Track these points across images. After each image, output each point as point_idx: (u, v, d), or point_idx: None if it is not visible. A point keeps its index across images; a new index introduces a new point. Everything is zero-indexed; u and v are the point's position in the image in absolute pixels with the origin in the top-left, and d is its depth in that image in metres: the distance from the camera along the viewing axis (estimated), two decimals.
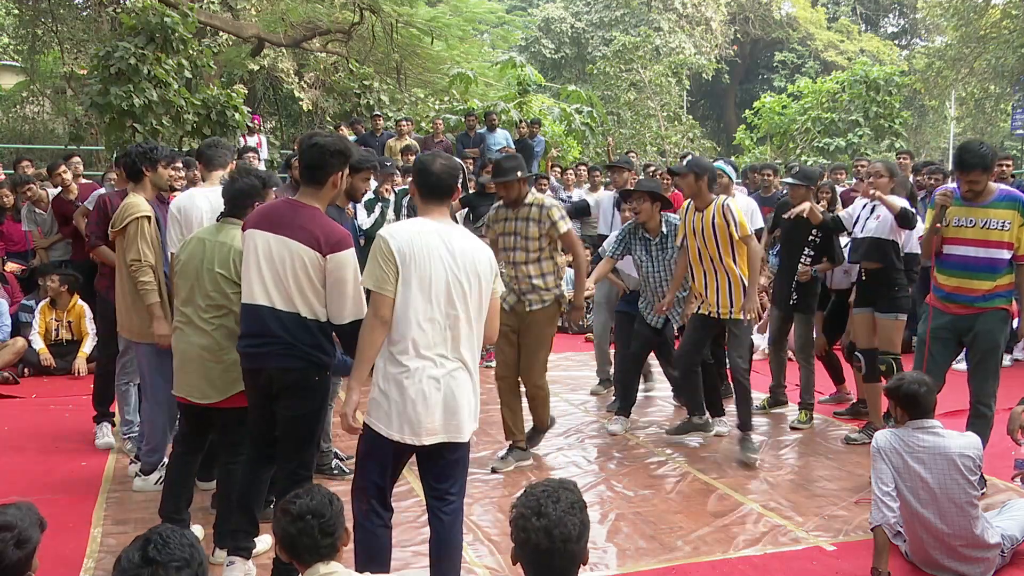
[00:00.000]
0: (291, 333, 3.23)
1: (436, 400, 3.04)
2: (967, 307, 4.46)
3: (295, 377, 3.28)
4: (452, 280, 3.02)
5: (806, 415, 5.92)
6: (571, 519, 2.06)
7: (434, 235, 3.05)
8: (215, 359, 3.64)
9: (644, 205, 5.58)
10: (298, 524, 2.45)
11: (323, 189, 3.33)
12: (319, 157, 3.29)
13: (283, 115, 22.23)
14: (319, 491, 2.55)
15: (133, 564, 1.90)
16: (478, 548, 3.89)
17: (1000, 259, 4.38)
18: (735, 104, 33.66)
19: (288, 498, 2.53)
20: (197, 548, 1.96)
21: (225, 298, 3.63)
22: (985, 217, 4.38)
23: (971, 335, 4.47)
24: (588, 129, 16.32)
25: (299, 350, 3.25)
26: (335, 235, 3.24)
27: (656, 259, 5.68)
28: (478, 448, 5.38)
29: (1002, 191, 4.46)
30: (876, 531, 3.52)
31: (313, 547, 2.46)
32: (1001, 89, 23.40)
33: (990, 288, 4.40)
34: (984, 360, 4.45)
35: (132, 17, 11.31)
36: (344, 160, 3.34)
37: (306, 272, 3.21)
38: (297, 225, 3.23)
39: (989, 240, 4.37)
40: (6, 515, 2.16)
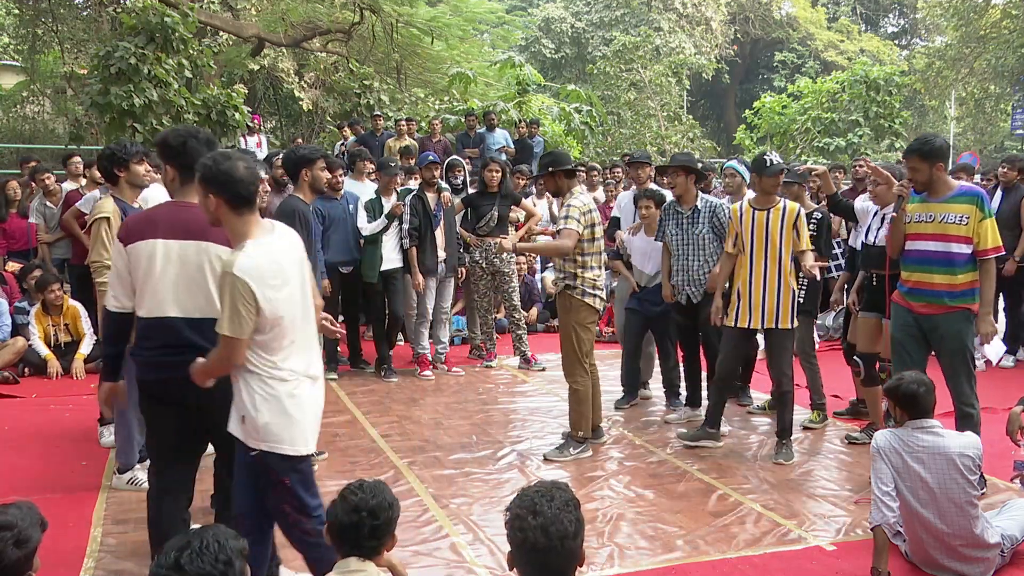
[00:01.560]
0: (209, 339, 2.94)
1: None
2: (930, 305, 4.47)
3: (220, 380, 3.07)
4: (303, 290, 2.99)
5: (819, 415, 5.88)
6: (567, 516, 2.08)
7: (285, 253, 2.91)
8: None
9: (679, 179, 5.76)
10: (352, 516, 2.45)
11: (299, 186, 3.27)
12: (196, 153, 3.12)
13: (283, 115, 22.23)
14: (383, 492, 2.53)
15: (165, 565, 1.90)
16: (478, 548, 3.89)
17: (958, 253, 4.40)
18: (735, 104, 33.68)
19: (352, 487, 2.52)
20: (234, 565, 1.93)
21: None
22: (943, 212, 4.43)
23: (937, 336, 4.48)
24: (588, 128, 16.32)
25: None
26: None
27: (687, 232, 5.79)
28: (478, 448, 5.39)
29: (962, 187, 4.52)
30: (876, 531, 3.52)
31: (356, 543, 2.47)
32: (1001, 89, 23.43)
33: (950, 284, 4.40)
34: (954, 363, 4.45)
35: (132, 17, 11.32)
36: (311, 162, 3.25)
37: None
38: (207, 225, 3.01)
39: (947, 234, 4.41)
40: (6, 515, 2.17)
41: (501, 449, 5.37)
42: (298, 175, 4.91)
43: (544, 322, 9.58)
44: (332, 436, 5.59)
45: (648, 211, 6.14)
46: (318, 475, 4.79)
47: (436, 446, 5.42)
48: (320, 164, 4.91)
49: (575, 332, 5.23)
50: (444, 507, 4.36)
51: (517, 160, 11.32)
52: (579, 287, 5.17)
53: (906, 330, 4.58)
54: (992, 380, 7.34)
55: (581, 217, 5.08)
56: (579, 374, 5.24)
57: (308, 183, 4.92)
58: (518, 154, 11.89)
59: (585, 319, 5.24)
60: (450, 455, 5.23)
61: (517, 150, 12.05)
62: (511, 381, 7.32)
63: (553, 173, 5.20)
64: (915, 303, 4.53)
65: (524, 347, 7.73)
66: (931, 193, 4.47)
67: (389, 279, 7.27)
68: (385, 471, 4.91)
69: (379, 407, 6.38)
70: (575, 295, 5.18)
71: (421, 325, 7.46)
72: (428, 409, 6.34)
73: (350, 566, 2.46)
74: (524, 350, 7.72)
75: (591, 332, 5.31)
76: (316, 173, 4.89)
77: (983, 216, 4.37)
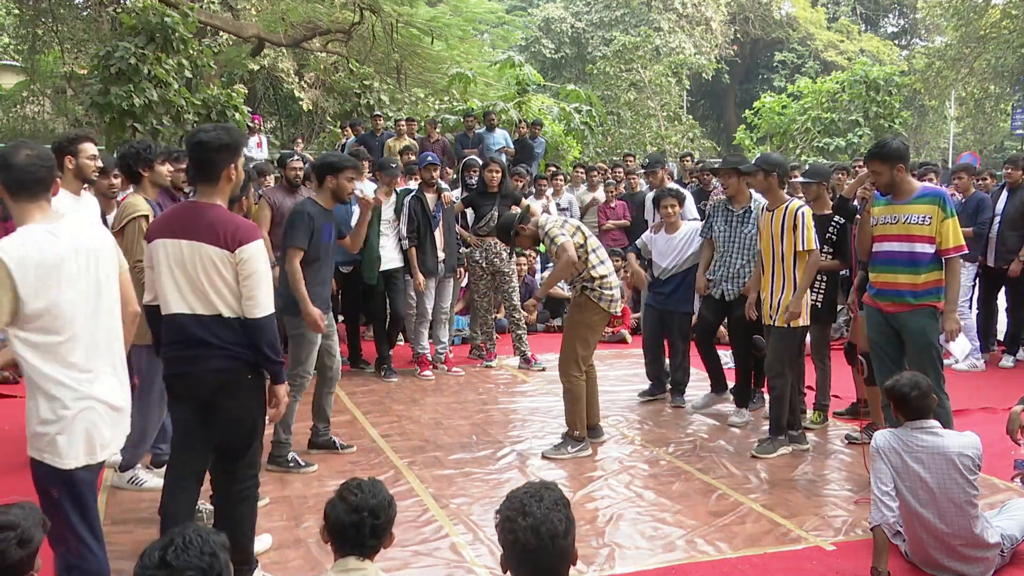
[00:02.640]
0: (216, 335, 3.14)
1: None
2: (896, 304, 4.54)
3: (228, 378, 3.20)
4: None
5: (819, 416, 5.92)
6: (556, 515, 2.08)
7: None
8: None
9: (731, 180, 5.85)
10: (352, 516, 2.44)
11: (218, 185, 3.26)
12: (205, 155, 3.20)
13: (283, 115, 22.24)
14: (382, 490, 2.52)
15: (151, 564, 1.90)
16: (478, 548, 3.89)
17: (921, 253, 4.47)
18: (735, 104, 33.69)
19: (351, 487, 2.50)
20: (219, 557, 1.95)
21: None
22: (907, 213, 4.51)
23: (906, 334, 4.54)
24: (588, 129, 16.33)
25: (228, 351, 3.18)
26: (241, 229, 3.16)
27: (735, 230, 5.92)
28: (478, 448, 5.39)
29: (925, 188, 4.60)
30: (876, 531, 3.52)
31: (357, 543, 2.46)
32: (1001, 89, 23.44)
33: (913, 283, 4.48)
34: (921, 359, 4.48)
35: (132, 17, 11.33)
36: (233, 152, 3.26)
37: (218, 272, 3.13)
38: (202, 226, 3.14)
39: (911, 235, 4.49)
40: (9, 514, 2.17)
41: (501, 449, 5.37)
42: (324, 179, 4.93)
43: (544, 322, 9.59)
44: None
45: (672, 209, 6.31)
46: (318, 475, 4.83)
47: (436, 446, 5.42)
48: (348, 174, 4.91)
49: (581, 333, 5.27)
50: (444, 507, 4.36)
51: (517, 160, 11.32)
52: (596, 289, 5.23)
53: (878, 330, 4.67)
54: (992, 380, 7.35)
55: (560, 230, 5.17)
56: (573, 373, 5.29)
57: (331, 189, 4.92)
58: (518, 154, 11.88)
59: (595, 321, 5.29)
60: (450, 455, 5.23)
61: (517, 150, 12.03)
62: (511, 381, 7.32)
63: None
64: (883, 303, 4.61)
65: (524, 347, 7.73)
66: (895, 195, 4.56)
67: (390, 279, 7.28)
68: (385, 471, 4.91)
69: (379, 407, 6.38)
70: (592, 296, 5.25)
71: (421, 325, 7.46)
72: (428, 409, 6.34)
73: (348, 565, 2.46)
74: (524, 350, 7.72)
75: (597, 335, 5.35)
76: (342, 182, 4.89)
77: (945, 216, 4.44)
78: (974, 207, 7.78)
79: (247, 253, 3.14)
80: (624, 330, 9.01)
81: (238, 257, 3.13)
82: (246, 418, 3.31)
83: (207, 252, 3.13)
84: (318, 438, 5.25)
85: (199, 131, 3.27)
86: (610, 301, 5.26)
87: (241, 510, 3.39)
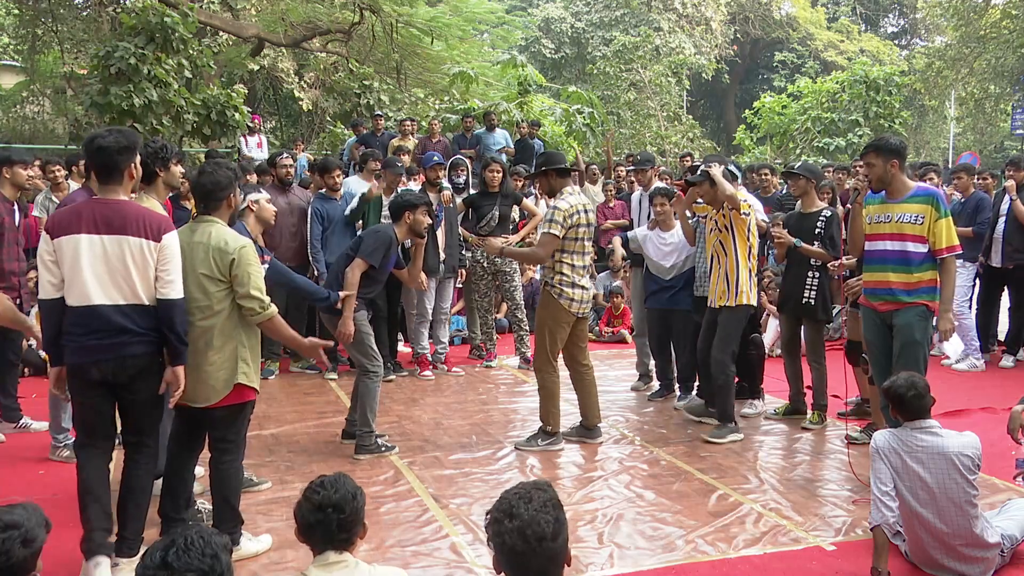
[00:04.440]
0: (137, 323, 3.41)
1: None
2: (888, 302, 4.55)
3: (145, 362, 3.46)
4: None
5: (818, 416, 5.91)
6: (544, 517, 2.04)
7: None
8: (207, 361, 3.63)
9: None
10: (317, 515, 2.47)
11: (123, 182, 3.51)
12: (109, 158, 3.45)
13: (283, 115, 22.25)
14: (345, 484, 2.55)
15: (152, 565, 1.90)
16: (478, 548, 3.89)
17: (913, 252, 4.47)
18: (735, 104, 33.67)
19: (313, 486, 2.54)
20: (220, 558, 1.94)
21: (209, 298, 3.63)
22: (900, 212, 4.52)
23: (895, 331, 4.55)
24: (588, 130, 16.33)
25: (147, 336, 3.44)
26: (163, 222, 3.47)
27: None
28: (478, 448, 5.39)
29: (919, 188, 4.60)
30: (875, 531, 3.52)
31: (328, 538, 2.50)
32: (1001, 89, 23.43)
33: (905, 282, 4.48)
34: (904, 353, 4.48)
35: (132, 17, 11.33)
36: (132, 152, 3.50)
37: (145, 261, 3.40)
38: (125, 221, 3.40)
39: (903, 234, 4.49)
40: (13, 514, 2.17)
41: (501, 449, 5.37)
42: (401, 215, 5.33)
43: None
44: (332, 436, 5.60)
45: (663, 207, 6.33)
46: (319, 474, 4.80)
47: (436, 446, 5.42)
48: (422, 210, 5.36)
49: (547, 329, 5.34)
50: (444, 507, 4.37)
51: (517, 160, 11.31)
52: (556, 286, 5.28)
53: (873, 330, 4.68)
54: (992, 380, 7.34)
55: (565, 220, 5.19)
56: (547, 370, 5.37)
57: (408, 224, 5.34)
58: (518, 154, 11.88)
59: (558, 318, 5.32)
60: (450, 455, 5.24)
61: (517, 150, 12.03)
62: (511, 381, 7.32)
63: (546, 172, 5.35)
64: (876, 302, 4.62)
65: (525, 348, 7.72)
66: (889, 194, 4.57)
67: (391, 277, 7.23)
68: (385, 471, 4.91)
69: (379, 407, 6.36)
70: (552, 293, 5.30)
71: (421, 325, 7.46)
72: (428, 409, 6.34)
73: (328, 559, 2.50)
74: (524, 350, 7.71)
75: (563, 331, 5.36)
76: (418, 218, 5.34)
77: (939, 216, 4.45)
78: (973, 207, 7.78)
79: (168, 241, 3.45)
80: (624, 330, 9.01)
81: (162, 246, 3.42)
82: (155, 399, 3.56)
83: (135, 244, 3.39)
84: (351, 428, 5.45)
85: (97, 137, 3.53)
86: (569, 300, 5.27)
87: (144, 490, 3.62)
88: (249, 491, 4.45)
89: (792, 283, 5.90)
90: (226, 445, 3.74)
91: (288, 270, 5.12)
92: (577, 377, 5.54)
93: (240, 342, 3.68)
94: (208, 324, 3.63)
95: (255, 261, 3.70)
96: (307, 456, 5.17)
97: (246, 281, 3.62)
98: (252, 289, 3.63)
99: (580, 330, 5.48)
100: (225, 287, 3.62)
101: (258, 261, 3.75)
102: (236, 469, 3.79)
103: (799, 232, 5.80)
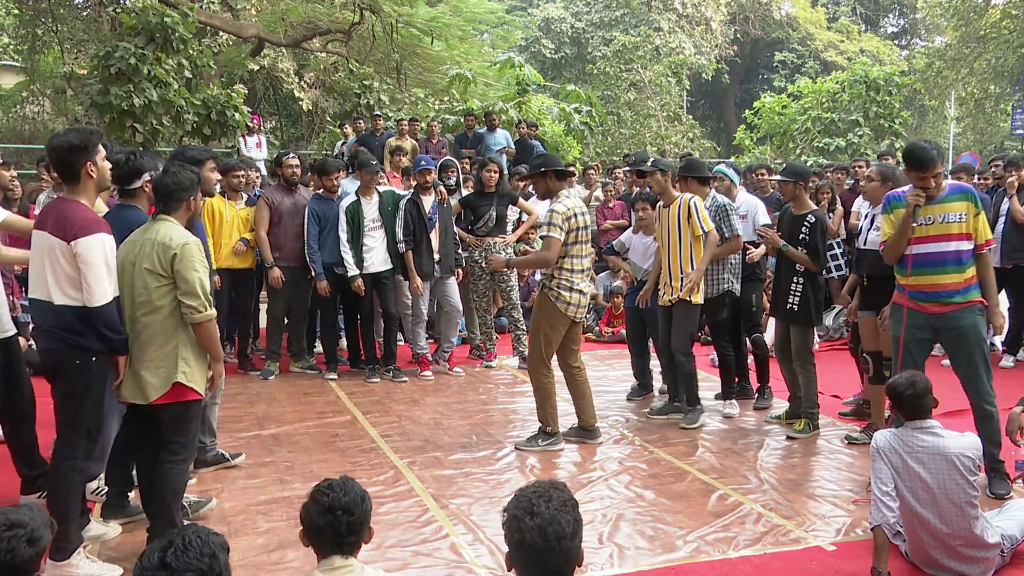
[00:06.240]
0: (47, 320, 3.53)
1: None
2: (942, 304, 4.47)
3: (56, 359, 3.56)
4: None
5: (804, 424, 5.69)
6: (564, 517, 2.06)
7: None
8: (147, 357, 3.60)
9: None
10: (327, 517, 2.45)
11: (80, 183, 3.56)
12: (60, 157, 3.53)
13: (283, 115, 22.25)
14: (353, 487, 2.53)
15: (150, 566, 1.90)
16: (478, 548, 3.89)
17: (965, 251, 4.45)
18: (735, 104, 33.66)
19: (322, 488, 2.52)
20: (219, 557, 1.95)
21: (150, 294, 3.59)
22: (943, 212, 4.46)
23: (952, 334, 4.48)
24: (587, 129, 16.32)
25: (53, 334, 3.53)
26: (80, 222, 3.45)
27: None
28: (478, 448, 5.39)
29: (952, 186, 4.56)
30: (876, 531, 3.52)
31: (336, 542, 2.47)
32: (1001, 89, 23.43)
33: (959, 282, 4.44)
34: (973, 358, 4.44)
35: (132, 17, 11.33)
36: (84, 151, 3.52)
37: (57, 260, 3.46)
38: (53, 218, 3.50)
39: (951, 234, 4.45)
40: (19, 513, 2.18)
41: (501, 449, 5.37)
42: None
43: None
44: (332, 436, 5.60)
45: (645, 213, 6.37)
46: (318, 475, 4.82)
47: (436, 446, 5.42)
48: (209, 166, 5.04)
49: (543, 331, 5.34)
50: (444, 507, 4.36)
51: (517, 161, 11.31)
52: (554, 288, 5.28)
53: (914, 333, 4.56)
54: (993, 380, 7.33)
55: (564, 223, 5.19)
56: (541, 371, 5.38)
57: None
58: (518, 154, 11.88)
59: (554, 321, 5.31)
60: (450, 455, 5.23)
61: (517, 150, 12.03)
62: (511, 381, 7.32)
63: (544, 174, 5.35)
64: (927, 305, 4.49)
65: (523, 347, 7.72)
66: (928, 196, 4.50)
67: (379, 280, 7.23)
68: (385, 471, 4.91)
69: (379, 407, 6.38)
70: (549, 295, 5.29)
71: (418, 326, 7.46)
72: (428, 409, 6.34)
73: (334, 563, 2.48)
74: (522, 349, 7.71)
75: (558, 334, 5.36)
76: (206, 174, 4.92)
77: (977, 211, 4.46)
78: None
79: (81, 247, 3.44)
80: (624, 330, 9.00)
81: (74, 249, 3.44)
82: (68, 401, 3.58)
83: (51, 242, 3.48)
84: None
85: (52, 138, 3.59)
86: (566, 304, 5.26)
87: (57, 489, 3.61)
88: (247, 490, 4.45)
89: (780, 286, 5.79)
90: (173, 446, 3.69)
91: None
92: (569, 379, 5.54)
93: (182, 341, 3.63)
94: (149, 320, 3.60)
95: (199, 260, 3.63)
96: (307, 456, 5.17)
97: (186, 278, 3.56)
98: (192, 288, 3.57)
99: (574, 333, 5.47)
100: (167, 283, 3.58)
101: (203, 261, 3.68)
102: (179, 472, 3.72)
103: (789, 235, 5.70)
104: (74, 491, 3.62)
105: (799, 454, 5.35)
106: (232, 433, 5.61)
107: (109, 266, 3.53)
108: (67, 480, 3.59)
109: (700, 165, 6.31)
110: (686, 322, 5.85)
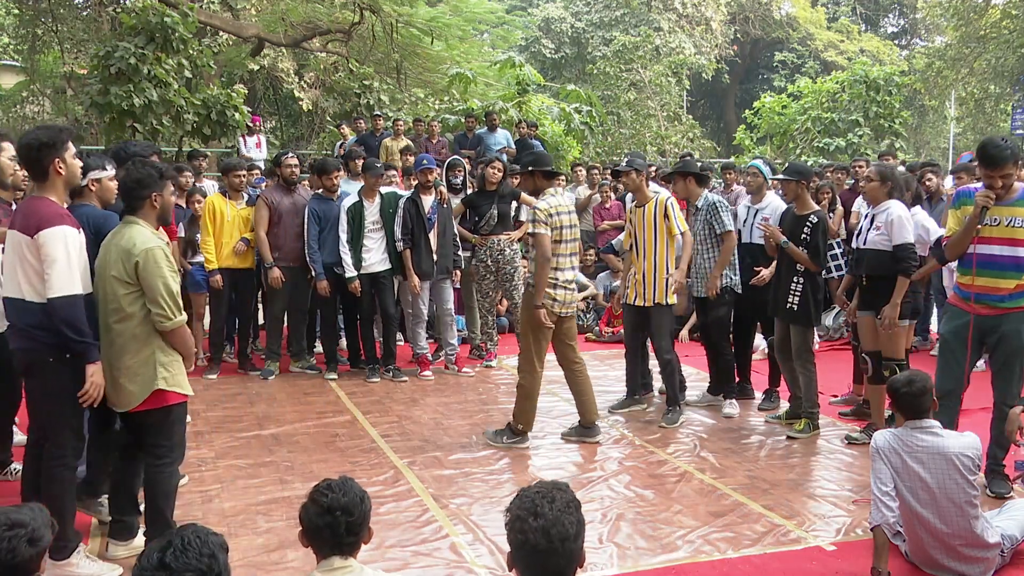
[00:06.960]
0: (19, 317, 3.51)
1: None
2: (992, 307, 4.41)
3: (30, 358, 3.52)
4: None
5: (805, 424, 5.71)
6: (568, 518, 2.06)
7: None
8: (123, 365, 3.55)
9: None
10: (326, 518, 2.45)
11: (48, 180, 3.54)
12: (29, 155, 3.52)
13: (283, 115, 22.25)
14: (352, 487, 2.53)
15: (149, 566, 1.90)
16: (478, 548, 3.89)
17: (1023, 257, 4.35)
18: (735, 104, 33.66)
19: (321, 488, 2.51)
20: (218, 557, 1.95)
21: (118, 300, 3.52)
22: (1011, 215, 4.35)
23: (996, 337, 4.43)
24: (588, 128, 16.31)
25: (27, 333, 3.49)
26: (42, 216, 3.42)
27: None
28: (478, 448, 5.39)
29: None
30: (876, 531, 3.52)
31: (335, 543, 2.47)
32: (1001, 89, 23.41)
33: (1013, 287, 4.36)
34: (1009, 362, 4.40)
35: (132, 17, 11.33)
36: (52, 148, 3.50)
37: (23, 256, 3.44)
38: (19, 215, 3.52)
39: (1015, 238, 4.35)
40: (20, 513, 2.18)
41: (501, 449, 5.37)
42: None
43: None
44: (332, 436, 5.60)
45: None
46: (319, 475, 4.82)
47: (436, 446, 5.42)
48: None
49: (531, 330, 5.36)
50: (444, 507, 4.37)
51: (517, 161, 11.30)
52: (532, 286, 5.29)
53: (958, 332, 4.52)
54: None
55: (548, 220, 5.22)
56: (528, 370, 5.39)
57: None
58: (518, 154, 11.88)
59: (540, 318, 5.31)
60: (450, 455, 5.23)
61: (518, 150, 12.03)
62: (511, 381, 7.31)
63: (532, 172, 5.38)
64: (979, 306, 4.44)
65: None
66: (998, 197, 4.38)
67: (377, 280, 7.23)
68: (385, 471, 4.91)
69: (379, 407, 6.38)
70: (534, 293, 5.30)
71: (417, 325, 7.45)
72: (428, 409, 6.34)
73: (334, 564, 2.47)
74: None
75: (546, 333, 5.37)
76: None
77: None
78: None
79: (43, 238, 3.39)
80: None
81: (37, 242, 3.40)
82: (46, 400, 3.56)
83: (18, 239, 3.46)
84: None
85: (23, 136, 3.57)
86: (552, 301, 5.28)
87: (50, 489, 3.55)
88: (247, 490, 4.45)
89: (780, 286, 5.78)
90: (158, 450, 3.66)
91: None
92: (570, 375, 5.54)
93: (159, 347, 3.56)
94: (121, 328, 3.53)
95: (164, 264, 3.53)
96: (307, 456, 5.17)
97: (151, 285, 3.48)
98: (157, 295, 3.49)
99: (567, 328, 5.48)
100: (134, 290, 3.50)
101: (169, 264, 3.57)
102: (168, 474, 3.69)
103: (791, 234, 5.68)
104: (68, 489, 3.61)
105: (799, 454, 5.35)
106: (232, 433, 5.61)
107: (71, 260, 3.41)
108: (60, 479, 3.57)
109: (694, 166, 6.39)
110: (665, 322, 5.95)
